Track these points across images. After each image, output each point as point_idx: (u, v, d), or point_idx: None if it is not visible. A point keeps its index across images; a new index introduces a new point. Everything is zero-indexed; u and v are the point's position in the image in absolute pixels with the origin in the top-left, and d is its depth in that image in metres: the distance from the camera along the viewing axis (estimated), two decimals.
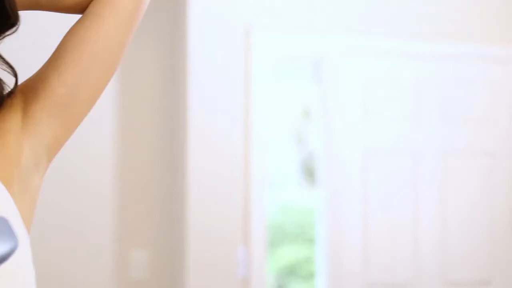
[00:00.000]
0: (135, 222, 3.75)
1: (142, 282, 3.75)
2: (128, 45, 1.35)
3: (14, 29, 1.25)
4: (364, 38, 3.92)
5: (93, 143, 3.44)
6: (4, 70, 1.28)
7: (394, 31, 3.95)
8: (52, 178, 2.83)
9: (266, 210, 3.80)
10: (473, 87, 4.08)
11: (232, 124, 3.67)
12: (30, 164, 1.27)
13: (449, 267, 4.03)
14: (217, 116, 3.64)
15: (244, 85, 3.70)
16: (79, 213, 3.34)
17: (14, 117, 1.28)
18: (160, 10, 3.78)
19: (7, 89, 1.28)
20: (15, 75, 1.29)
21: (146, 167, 3.78)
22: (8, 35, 1.26)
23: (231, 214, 3.67)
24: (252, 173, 3.71)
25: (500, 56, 4.12)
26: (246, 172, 3.70)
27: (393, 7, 3.94)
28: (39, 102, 1.28)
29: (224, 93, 3.67)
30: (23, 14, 1.27)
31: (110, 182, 3.50)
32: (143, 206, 3.77)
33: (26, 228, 1.23)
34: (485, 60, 4.10)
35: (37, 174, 1.26)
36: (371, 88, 3.98)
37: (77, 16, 1.33)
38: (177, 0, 3.73)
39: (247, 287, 3.70)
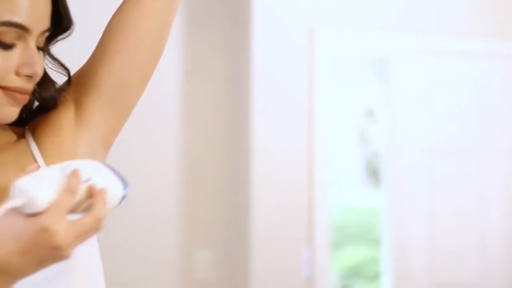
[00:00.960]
0: (200, 222, 3.77)
1: (206, 282, 3.77)
2: (171, 26, 1.34)
3: (67, 33, 1.26)
4: (427, 38, 3.88)
5: (158, 145, 3.46)
6: (56, 70, 1.30)
7: (458, 31, 3.91)
8: None
9: (330, 210, 3.79)
10: None
11: (295, 124, 3.67)
12: (86, 157, 1.28)
13: None
14: (281, 117, 3.64)
15: (308, 85, 3.70)
16: (144, 214, 3.37)
17: (67, 112, 1.29)
18: (223, 12, 3.79)
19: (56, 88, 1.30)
20: (69, 75, 1.31)
21: (210, 168, 3.79)
22: (61, 39, 1.27)
23: (295, 215, 3.66)
24: (316, 174, 3.70)
25: None
26: (309, 173, 3.69)
27: (458, 8, 3.89)
28: (90, 94, 1.30)
29: (287, 94, 3.66)
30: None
31: (176, 183, 3.52)
32: (208, 207, 3.78)
33: None
34: None
35: None
36: (435, 88, 3.94)
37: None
38: (240, 2, 3.74)
39: None
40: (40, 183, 1.07)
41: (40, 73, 1.20)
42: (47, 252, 1.06)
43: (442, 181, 3.94)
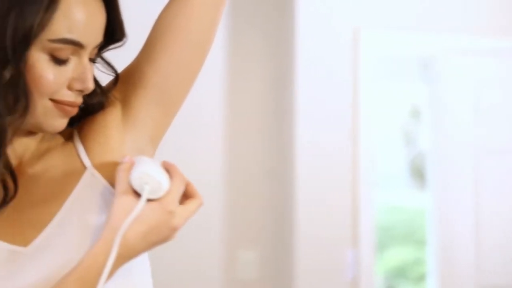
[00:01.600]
0: (244, 223, 3.77)
1: (250, 283, 3.77)
2: (218, 26, 1.33)
3: (120, 43, 1.27)
4: (473, 37, 3.84)
5: (202, 146, 3.47)
6: (104, 72, 1.30)
7: (504, 31, 3.86)
8: None
9: (375, 211, 3.77)
10: None
11: (340, 124, 3.65)
12: (132, 155, 1.29)
13: None
14: (325, 116, 3.62)
15: (352, 85, 3.68)
16: None
17: (114, 111, 1.30)
18: (267, 11, 3.79)
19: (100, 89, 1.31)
20: (116, 76, 1.31)
21: (254, 168, 3.79)
22: (113, 48, 1.28)
23: (339, 215, 3.65)
24: (361, 174, 3.67)
25: None
26: (354, 173, 3.67)
27: (504, 7, 3.85)
28: (136, 93, 1.30)
29: (332, 93, 3.65)
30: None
31: (219, 184, 3.52)
32: (252, 208, 3.78)
33: None
34: None
35: None
36: (482, 87, 3.90)
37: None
38: (285, 2, 3.73)
39: None
40: (158, 171, 1.18)
41: (91, 88, 1.22)
42: (165, 233, 1.18)
43: (489, 181, 3.90)
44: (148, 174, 1.17)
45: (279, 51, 3.78)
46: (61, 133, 1.27)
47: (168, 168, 1.21)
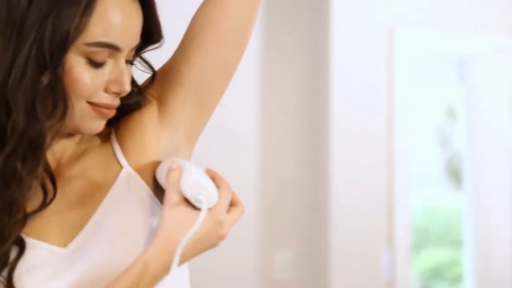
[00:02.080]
0: (280, 223, 3.77)
1: (286, 283, 3.76)
2: (254, 24, 1.33)
3: (157, 45, 1.28)
4: (509, 36, 3.81)
5: (237, 146, 3.48)
6: (142, 70, 1.31)
7: None
8: None
9: (410, 212, 3.75)
10: None
11: (375, 125, 3.64)
12: (168, 153, 1.29)
13: None
14: (360, 116, 3.61)
15: (387, 84, 3.66)
16: None
17: (150, 109, 1.31)
18: (302, 10, 3.79)
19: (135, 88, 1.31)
20: (153, 74, 1.32)
21: (289, 168, 3.79)
22: (151, 49, 1.28)
23: (375, 216, 3.64)
24: (396, 174, 3.66)
25: None
26: (389, 173, 3.66)
27: None
28: (172, 90, 1.31)
29: (366, 93, 3.64)
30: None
31: (254, 184, 3.52)
32: (288, 208, 3.78)
33: None
34: None
35: None
36: None
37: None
38: (319, 2, 3.72)
39: None
40: (207, 180, 1.20)
41: (127, 91, 1.23)
42: (213, 241, 1.22)
43: None
44: (201, 184, 1.19)
45: (314, 51, 3.78)
46: (99, 133, 1.27)
47: (213, 177, 1.22)
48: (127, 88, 1.22)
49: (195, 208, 1.19)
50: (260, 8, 1.34)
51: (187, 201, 1.20)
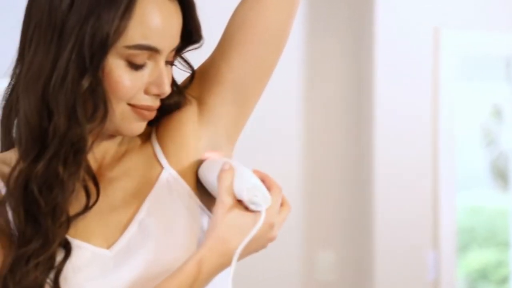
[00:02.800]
0: (323, 224, 3.76)
1: (329, 284, 3.75)
2: (292, 23, 1.32)
3: (197, 45, 1.27)
4: None
5: (279, 148, 3.48)
6: (182, 69, 1.31)
7: None
8: None
9: (456, 212, 3.72)
10: None
11: (420, 125, 3.61)
12: (209, 152, 1.29)
13: None
14: (405, 116, 3.59)
15: (432, 85, 3.64)
16: None
17: (190, 108, 1.31)
18: (346, 10, 3.77)
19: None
20: (192, 74, 1.32)
21: (333, 170, 3.78)
22: (191, 49, 1.28)
23: (419, 217, 3.61)
24: (441, 175, 3.63)
25: None
26: (434, 174, 3.63)
27: None
28: (212, 90, 1.30)
29: (411, 94, 3.62)
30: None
31: (297, 185, 3.52)
32: (331, 209, 3.77)
33: None
34: None
35: None
36: None
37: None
38: (363, 2, 3.71)
39: None
40: (260, 182, 1.20)
41: (167, 92, 1.22)
42: (263, 243, 1.23)
43: None
44: (257, 187, 1.19)
45: (358, 51, 3.76)
46: (140, 134, 1.27)
47: (263, 179, 1.22)
48: (167, 89, 1.22)
49: (248, 210, 1.19)
50: (302, 8, 1.34)
51: (240, 203, 1.20)
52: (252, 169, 1.23)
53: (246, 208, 1.19)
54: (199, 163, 1.28)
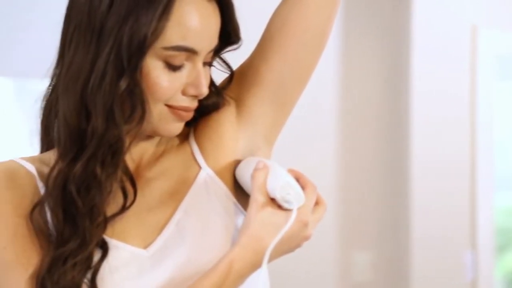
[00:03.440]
0: (359, 224, 3.75)
1: (365, 285, 3.74)
2: (332, 24, 1.31)
3: (235, 46, 1.27)
4: None
5: (315, 147, 3.47)
6: (220, 70, 1.31)
7: None
8: None
9: (494, 212, 3.69)
10: None
11: (457, 124, 3.59)
12: (247, 153, 1.29)
13: None
14: (442, 115, 3.57)
15: (470, 84, 3.61)
16: None
17: (228, 109, 1.31)
18: (382, 8, 3.76)
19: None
20: (231, 75, 1.32)
21: (369, 168, 3.77)
22: (229, 50, 1.28)
23: (456, 216, 3.59)
24: (479, 174, 3.61)
25: None
26: (472, 173, 3.61)
27: None
28: (251, 91, 1.30)
29: (448, 93, 3.60)
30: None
31: (333, 184, 3.51)
32: (366, 208, 3.76)
33: None
34: None
35: None
36: None
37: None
38: (399, 1, 3.69)
39: None
40: (293, 180, 1.19)
41: (205, 94, 1.22)
42: (297, 243, 1.22)
43: None
44: (290, 185, 1.19)
45: (395, 50, 3.75)
46: (178, 134, 1.28)
47: (297, 177, 1.22)
48: (205, 91, 1.22)
49: (281, 208, 1.19)
50: (339, 8, 1.34)
51: (273, 202, 1.20)
52: (287, 168, 1.23)
53: (280, 207, 1.19)
54: (237, 163, 1.28)
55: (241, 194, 1.27)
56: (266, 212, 1.18)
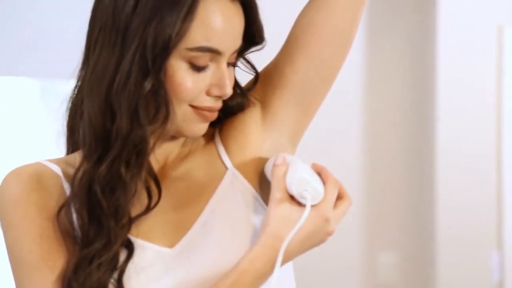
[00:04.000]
0: (384, 224, 3.74)
1: (390, 285, 3.73)
2: (358, 26, 1.31)
3: (259, 47, 1.28)
4: None
5: (340, 146, 3.47)
6: (245, 71, 1.31)
7: None
8: None
9: None
10: None
11: (483, 123, 3.58)
12: (272, 154, 1.29)
13: None
14: (467, 115, 3.56)
15: (496, 84, 3.60)
16: None
17: (253, 110, 1.31)
18: (407, 9, 3.75)
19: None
20: (256, 77, 1.32)
21: (393, 168, 3.76)
22: (253, 51, 1.28)
23: (483, 217, 3.57)
24: (505, 173, 3.59)
25: None
26: (498, 173, 3.59)
27: None
28: (276, 92, 1.30)
29: (474, 93, 3.58)
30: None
31: (358, 184, 3.51)
32: (392, 208, 3.75)
33: None
34: None
35: None
36: None
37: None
38: (425, 1, 3.68)
39: None
40: (313, 176, 1.19)
41: (229, 94, 1.23)
42: (320, 238, 1.20)
43: None
44: (307, 181, 1.18)
45: (420, 50, 3.74)
46: (203, 135, 1.28)
47: (319, 171, 1.22)
48: (229, 91, 1.22)
49: (300, 204, 1.19)
50: (365, 9, 1.33)
51: (292, 198, 1.19)
52: (311, 163, 1.22)
53: (299, 203, 1.19)
54: (263, 163, 1.29)
55: (266, 194, 1.26)
56: (283, 208, 1.18)
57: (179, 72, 1.18)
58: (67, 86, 1.28)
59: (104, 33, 1.19)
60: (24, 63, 3.15)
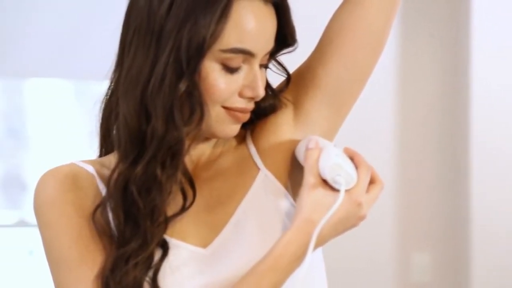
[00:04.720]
0: (418, 224, 3.73)
1: (424, 285, 3.72)
2: (391, 27, 1.31)
3: (291, 48, 1.28)
4: None
5: (373, 144, 3.46)
6: (276, 72, 1.31)
7: None
8: None
9: None
10: None
11: None
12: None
13: None
14: (502, 116, 3.54)
15: None
16: None
17: (286, 112, 1.31)
18: (440, 9, 3.74)
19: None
20: (288, 77, 1.33)
21: (427, 168, 3.74)
22: (285, 53, 1.28)
23: None
24: None
25: None
26: None
27: None
28: (308, 93, 1.31)
29: (509, 93, 3.56)
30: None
31: (391, 184, 3.50)
32: (426, 208, 3.73)
33: None
34: None
35: None
36: None
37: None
38: (458, 2, 3.67)
39: None
40: (346, 160, 1.20)
41: (261, 95, 1.23)
42: (352, 223, 1.21)
43: None
44: (340, 166, 1.18)
45: (454, 47, 3.72)
46: (235, 136, 1.29)
47: (352, 156, 1.22)
48: (261, 93, 1.22)
49: (333, 189, 1.19)
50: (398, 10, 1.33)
51: (325, 182, 1.19)
52: (343, 147, 1.23)
53: (332, 188, 1.19)
54: (295, 164, 1.29)
55: (297, 188, 1.26)
56: (317, 193, 1.18)
57: (213, 73, 1.19)
58: (101, 87, 1.29)
59: (138, 35, 1.20)
60: (59, 65, 3.18)
